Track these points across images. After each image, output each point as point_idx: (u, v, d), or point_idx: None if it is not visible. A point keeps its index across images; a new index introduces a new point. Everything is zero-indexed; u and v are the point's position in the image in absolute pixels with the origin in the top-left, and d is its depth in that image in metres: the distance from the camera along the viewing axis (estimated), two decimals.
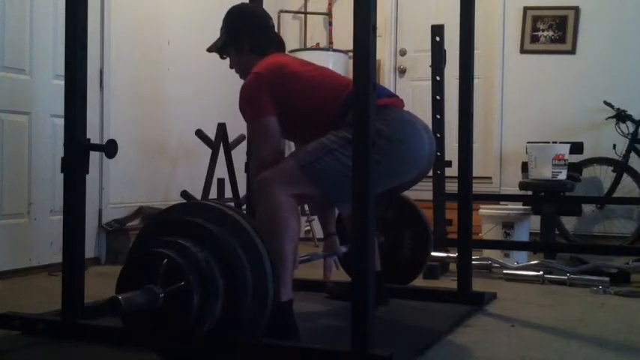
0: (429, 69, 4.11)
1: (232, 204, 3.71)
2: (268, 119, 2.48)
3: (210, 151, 4.26)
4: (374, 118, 2.00)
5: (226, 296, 1.96)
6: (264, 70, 2.53)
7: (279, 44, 2.77)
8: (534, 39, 5.53)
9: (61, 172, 2.40)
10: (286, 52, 2.87)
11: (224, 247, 1.97)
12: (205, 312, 1.92)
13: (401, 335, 2.54)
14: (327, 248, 2.99)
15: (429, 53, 4.10)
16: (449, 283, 3.59)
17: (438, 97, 4.04)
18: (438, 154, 4.07)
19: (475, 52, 3.18)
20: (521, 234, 4.43)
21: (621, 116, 5.05)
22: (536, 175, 4.57)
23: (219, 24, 2.78)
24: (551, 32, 5.48)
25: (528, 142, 4.88)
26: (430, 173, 4.09)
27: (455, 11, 3.18)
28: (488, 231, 4.44)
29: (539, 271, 3.75)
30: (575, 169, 4.82)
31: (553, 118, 5.38)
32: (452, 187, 3.71)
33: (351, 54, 2.44)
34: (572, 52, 5.41)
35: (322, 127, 2.48)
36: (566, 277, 3.64)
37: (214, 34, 2.78)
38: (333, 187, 2.37)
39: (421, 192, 4.58)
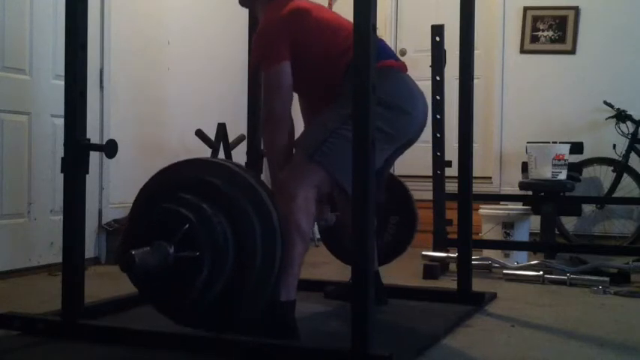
0: (429, 69, 4.11)
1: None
2: (283, 65, 2.45)
3: (210, 151, 4.25)
4: (374, 120, 2.00)
5: (236, 263, 1.96)
6: (284, 14, 2.50)
7: None
8: (534, 39, 5.52)
9: (61, 172, 2.39)
10: None
11: (238, 211, 1.98)
12: (212, 280, 1.92)
13: (401, 335, 2.54)
14: (317, 214, 2.90)
15: (429, 53, 4.10)
16: (449, 283, 3.59)
17: (438, 97, 4.03)
18: (438, 154, 4.07)
19: (475, 52, 3.18)
20: (521, 234, 4.42)
21: (621, 116, 5.05)
22: (536, 175, 4.57)
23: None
24: (551, 32, 5.48)
25: (528, 142, 4.88)
26: (430, 173, 4.12)
27: (455, 11, 3.18)
28: (488, 231, 4.44)
29: (539, 271, 3.75)
30: (575, 169, 4.81)
31: (553, 118, 5.38)
32: (452, 187, 3.71)
33: None
34: (572, 52, 5.41)
35: (324, 86, 2.50)
36: (566, 277, 3.64)
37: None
38: (345, 166, 2.38)
39: (421, 192, 4.59)
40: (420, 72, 5.81)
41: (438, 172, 4.10)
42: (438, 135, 4.05)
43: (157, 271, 1.93)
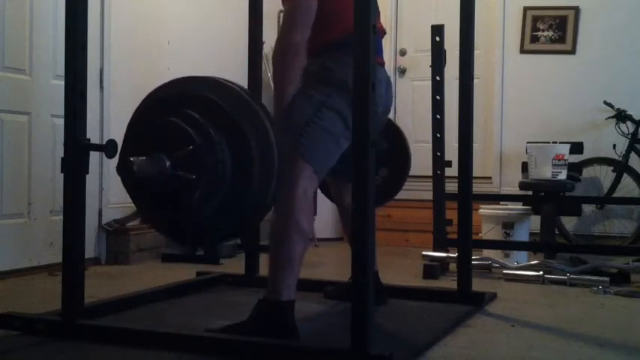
0: (429, 69, 4.11)
1: None
2: (312, 2, 2.42)
3: None
4: (374, 122, 2.01)
5: (231, 190, 1.98)
6: None
7: None
8: (534, 39, 5.52)
9: (61, 172, 2.39)
10: None
11: (240, 136, 2.01)
12: (203, 203, 1.93)
13: (401, 335, 2.54)
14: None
15: (429, 53, 4.10)
16: (449, 283, 3.59)
17: (438, 97, 4.03)
18: (438, 154, 4.07)
19: (475, 52, 3.18)
20: (521, 234, 4.42)
21: (621, 116, 5.05)
22: (536, 175, 4.57)
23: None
24: (551, 32, 5.48)
25: (528, 142, 4.88)
26: (430, 173, 4.12)
27: (455, 11, 3.18)
28: (488, 231, 4.44)
29: (539, 271, 3.75)
30: (575, 169, 4.82)
31: (553, 118, 5.38)
32: (452, 187, 3.71)
33: None
34: (572, 52, 5.41)
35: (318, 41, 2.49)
36: (566, 277, 3.64)
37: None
38: (322, 156, 2.40)
39: (421, 192, 4.60)
40: (420, 72, 5.88)
41: (438, 172, 4.09)
42: (438, 135, 4.04)
43: (153, 183, 1.91)
